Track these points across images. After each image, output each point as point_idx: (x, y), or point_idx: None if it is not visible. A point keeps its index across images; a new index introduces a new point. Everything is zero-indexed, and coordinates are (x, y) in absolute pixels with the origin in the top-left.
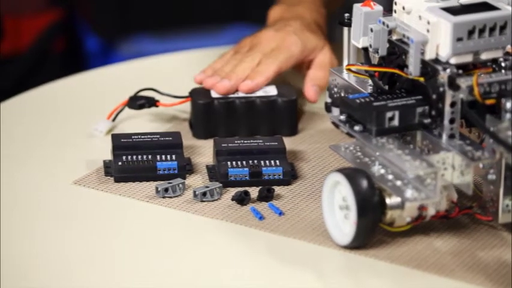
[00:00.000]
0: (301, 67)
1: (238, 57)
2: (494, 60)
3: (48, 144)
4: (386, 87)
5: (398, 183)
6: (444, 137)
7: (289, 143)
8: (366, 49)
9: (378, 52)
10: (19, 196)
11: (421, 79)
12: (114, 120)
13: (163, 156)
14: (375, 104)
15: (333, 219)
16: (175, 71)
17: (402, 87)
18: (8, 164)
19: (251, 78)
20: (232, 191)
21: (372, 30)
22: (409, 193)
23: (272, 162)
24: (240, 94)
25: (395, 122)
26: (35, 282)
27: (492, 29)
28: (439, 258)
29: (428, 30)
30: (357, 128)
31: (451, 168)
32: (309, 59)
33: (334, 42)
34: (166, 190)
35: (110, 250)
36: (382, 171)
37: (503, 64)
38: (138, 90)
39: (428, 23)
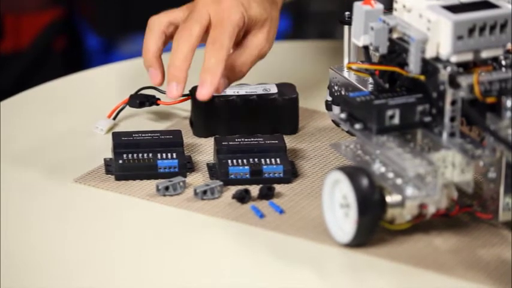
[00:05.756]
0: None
1: (177, 36)
2: (495, 59)
3: (48, 142)
4: (387, 85)
5: (399, 181)
6: (444, 135)
7: (289, 141)
8: (366, 47)
9: (378, 50)
10: (19, 194)
11: (422, 77)
12: (114, 118)
13: (164, 155)
14: (376, 102)
15: (334, 218)
16: None
17: (403, 85)
18: (8, 162)
19: (203, 80)
20: (233, 189)
21: (372, 28)
22: (409, 191)
23: (273, 160)
24: (241, 92)
25: (396, 120)
26: (34, 280)
27: (493, 27)
28: (439, 256)
29: (428, 29)
30: (357, 126)
31: (452, 166)
32: (247, 33)
33: (335, 39)
34: (166, 188)
35: (110, 248)
36: (383, 169)
37: (503, 62)
38: (139, 88)
39: (429, 21)
